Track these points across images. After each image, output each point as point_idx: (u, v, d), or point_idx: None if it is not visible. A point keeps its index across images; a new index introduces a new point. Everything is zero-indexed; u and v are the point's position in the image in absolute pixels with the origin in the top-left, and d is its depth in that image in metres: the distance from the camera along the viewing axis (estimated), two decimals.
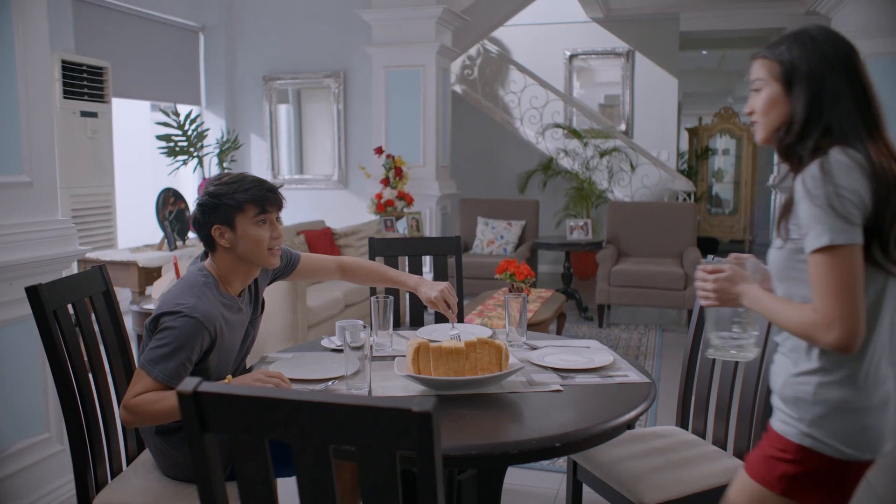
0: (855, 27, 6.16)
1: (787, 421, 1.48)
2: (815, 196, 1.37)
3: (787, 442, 1.47)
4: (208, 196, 1.99)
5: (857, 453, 1.44)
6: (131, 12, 6.47)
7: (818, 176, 1.38)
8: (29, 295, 1.90)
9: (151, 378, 1.83)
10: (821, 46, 1.46)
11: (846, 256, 1.36)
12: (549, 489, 3.08)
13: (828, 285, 1.36)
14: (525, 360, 2.13)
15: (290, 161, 7.92)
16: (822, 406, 1.44)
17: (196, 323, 1.86)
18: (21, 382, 2.72)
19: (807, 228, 1.39)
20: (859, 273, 1.37)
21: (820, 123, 1.45)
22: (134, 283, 4.90)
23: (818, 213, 1.36)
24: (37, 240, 2.72)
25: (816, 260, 1.38)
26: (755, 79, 1.54)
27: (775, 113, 1.50)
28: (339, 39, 7.39)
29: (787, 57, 1.48)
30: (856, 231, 1.36)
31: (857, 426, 1.43)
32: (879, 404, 1.45)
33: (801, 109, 1.46)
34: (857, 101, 1.46)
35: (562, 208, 8.43)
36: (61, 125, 5.11)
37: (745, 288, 1.55)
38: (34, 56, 2.74)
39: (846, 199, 1.36)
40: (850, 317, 1.35)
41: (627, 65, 9.20)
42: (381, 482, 1.02)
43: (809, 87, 1.45)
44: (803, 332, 1.42)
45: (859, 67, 1.48)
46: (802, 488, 1.46)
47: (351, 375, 1.89)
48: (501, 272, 4.17)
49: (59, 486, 2.84)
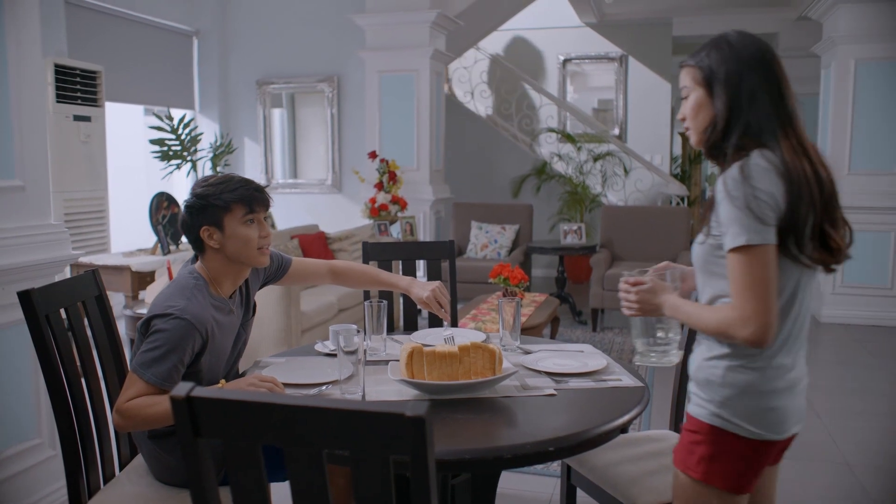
0: (846, 32, 6.20)
1: (699, 403, 1.59)
2: (734, 197, 1.46)
3: (700, 423, 1.57)
4: (195, 197, 1.99)
5: (763, 433, 1.53)
6: (125, 16, 6.47)
7: (738, 178, 1.46)
8: (21, 299, 1.89)
9: (143, 381, 1.82)
10: (737, 50, 1.55)
11: (761, 256, 1.45)
12: (543, 493, 3.08)
13: (743, 283, 1.46)
14: (519, 365, 2.13)
15: (284, 165, 7.91)
16: (730, 388, 1.54)
17: (187, 325, 1.86)
18: (13, 387, 2.71)
19: (726, 228, 1.48)
20: (772, 272, 1.46)
21: (740, 121, 1.53)
22: (127, 287, 4.89)
23: (737, 214, 1.45)
24: (29, 244, 2.71)
25: (734, 258, 1.47)
26: (682, 87, 1.63)
27: (701, 116, 1.59)
28: (333, 44, 7.40)
29: (707, 62, 1.57)
30: (770, 232, 1.45)
31: (762, 407, 1.53)
32: (785, 388, 1.55)
33: (723, 109, 1.54)
34: (773, 99, 1.53)
35: (555, 212, 8.44)
36: (54, 129, 5.10)
37: (665, 298, 1.64)
38: (27, 60, 2.73)
39: (762, 202, 1.44)
40: (763, 313, 1.45)
41: (621, 69, 9.23)
42: (374, 487, 1.02)
43: (727, 88, 1.54)
44: (721, 331, 1.50)
45: (774, 66, 1.55)
46: (717, 470, 1.55)
47: (344, 380, 1.88)
48: (495, 276, 4.17)
49: (52, 491, 2.83)
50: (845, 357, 5.47)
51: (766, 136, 1.52)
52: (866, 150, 6.26)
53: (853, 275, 6.33)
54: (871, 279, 6.30)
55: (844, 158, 6.32)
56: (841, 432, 3.80)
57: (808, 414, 4.14)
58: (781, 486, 3.14)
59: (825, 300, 6.43)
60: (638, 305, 1.67)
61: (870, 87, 6.21)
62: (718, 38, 1.59)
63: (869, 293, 6.31)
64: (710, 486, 1.56)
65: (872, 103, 6.21)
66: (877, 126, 6.21)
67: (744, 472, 1.55)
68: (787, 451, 1.69)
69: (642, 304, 1.67)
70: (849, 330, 6.13)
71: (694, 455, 1.57)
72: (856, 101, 6.25)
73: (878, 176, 6.23)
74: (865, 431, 3.85)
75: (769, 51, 1.56)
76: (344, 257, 5.86)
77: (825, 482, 3.24)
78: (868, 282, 6.31)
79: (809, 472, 3.32)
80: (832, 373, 5.09)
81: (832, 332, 6.13)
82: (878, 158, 6.23)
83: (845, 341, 5.83)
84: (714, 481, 1.55)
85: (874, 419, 4.06)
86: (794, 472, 3.30)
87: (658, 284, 1.66)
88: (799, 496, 3.10)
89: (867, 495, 3.10)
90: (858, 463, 3.41)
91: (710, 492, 1.56)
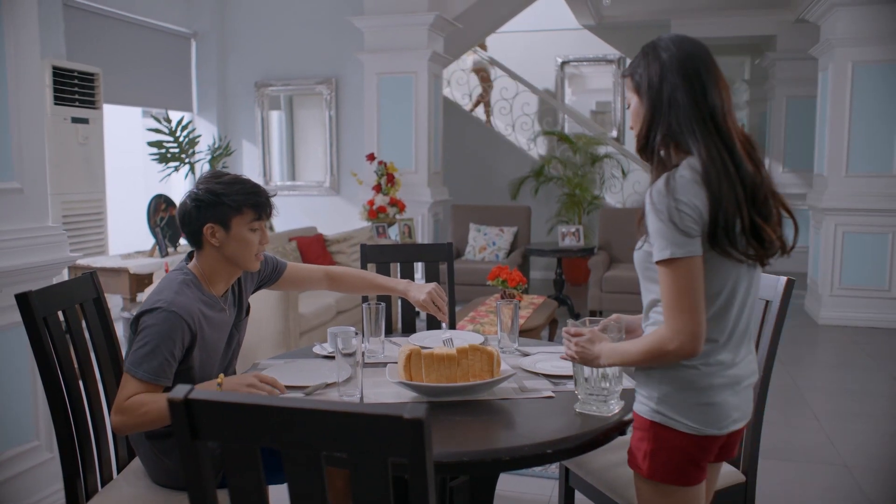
0: (843, 35, 6.21)
1: (641, 401, 1.63)
2: (659, 210, 1.50)
3: (643, 420, 1.62)
4: (208, 193, 1.96)
5: (702, 427, 1.56)
6: (123, 18, 6.46)
7: (663, 191, 1.50)
8: (19, 302, 1.89)
9: (136, 380, 1.84)
10: (660, 55, 1.58)
11: (686, 268, 1.48)
12: (541, 495, 3.08)
13: (671, 295, 1.50)
14: (517, 367, 2.13)
15: (282, 167, 7.91)
16: (669, 384, 1.58)
17: (173, 316, 1.87)
18: (10, 390, 2.71)
19: (653, 240, 1.52)
20: (698, 282, 1.49)
21: (661, 123, 1.57)
22: (125, 289, 4.88)
23: (661, 228, 1.49)
24: (27, 246, 2.71)
25: (661, 271, 1.52)
26: (627, 97, 1.69)
27: (638, 122, 1.64)
28: (331, 46, 7.40)
29: (637, 71, 1.63)
30: (694, 244, 1.49)
31: (700, 402, 1.56)
32: (725, 384, 1.58)
33: (645, 113, 1.61)
34: (693, 97, 1.55)
35: (554, 215, 8.45)
36: (52, 131, 5.09)
37: (601, 348, 1.67)
38: (25, 62, 2.73)
39: (685, 214, 1.48)
40: (690, 323, 1.49)
41: (619, 71, 9.24)
42: (373, 489, 1.02)
43: (650, 93, 1.59)
44: (653, 356, 1.55)
45: (699, 65, 1.57)
46: (661, 464, 1.58)
47: (343, 382, 1.88)
48: (493, 278, 4.18)
49: (49, 494, 2.82)
50: (843, 359, 5.47)
51: (686, 135, 1.54)
52: (864, 152, 6.27)
53: (851, 277, 6.34)
54: (869, 281, 6.31)
55: (842, 161, 6.32)
56: (839, 434, 3.80)
57: (806, 416, 4.16)
58: (780, 488, 3.15)
59: (823, 302, 6.44)
60: (578, 355, 1.70)
61: (867, 90, 6.22)
62: (648, 44, 1.63)
63: (867, 295, 6.32)
64: (657, 483, 1.60)
65: (870, 106, 6.22)
66: (874, 128, 6.22)
67: (685, 467, 1.58)
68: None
69: (581, 354, 1.69)
70: (846, 332, 6.14)
71: (640, 452, 1.62)
72: (853, 104, 6.25)
73: (876, 178, 6.24)
74: (864, 433, 3.85)
75: (695, 51, 1.58)
76: (342, 259, 5.85)
77: (823, 484, 3.24)
78: (866, 284, 6.31)
79: (808, 474, 3.32)
80: (830, 375, 5.09)
81: (830, 333, 6.14)
82: (876, 161, 6.24)
83: (843, 343, 5.84)
84: (657, 476, 1.59)
85: (872, 421, 4.06)
86: (793, 473, 3.30)
87: (596, 335, 1.69)
88: (797, 498, 3.10)
89: (865, 497, 3.10)
90: (857, 465, 3.41)
91: (659, 488, 1.60)
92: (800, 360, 5.27)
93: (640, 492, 1.66)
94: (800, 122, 8.91)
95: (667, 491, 1.60)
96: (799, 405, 4.28)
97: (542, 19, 9.02)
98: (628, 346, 1.62)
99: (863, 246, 6.30)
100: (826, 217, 6.38)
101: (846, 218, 6.32)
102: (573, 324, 1.75)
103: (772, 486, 3.13)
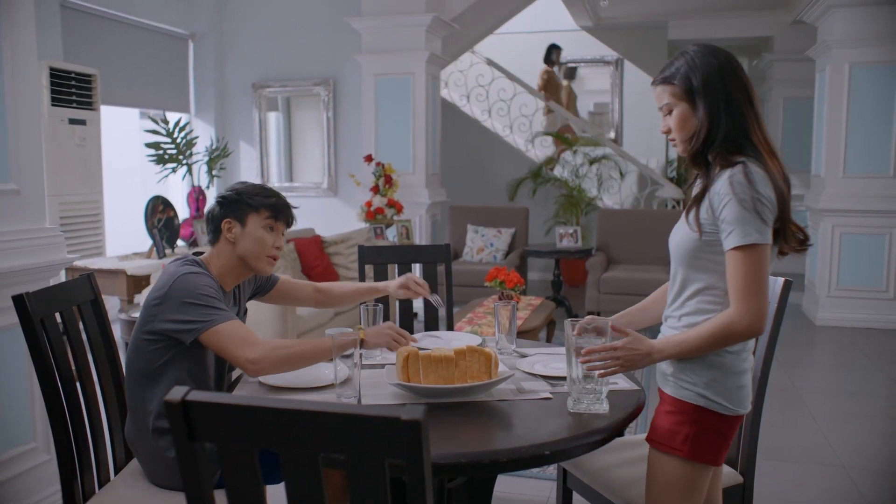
0: (841, 36, 6.22)
1: (683, 385, 1.71)
2: (743, 199, 1.58)
3: (685, 404, 1.70)
4: (232, 192, 2.11)
5: (738, 408, 1.70)
6: (120, 19, 6.46)
7: (744, 182, 1.58)
8: (16, 303, 1.89)
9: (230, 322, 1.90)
10: (706, 62, 1.67)
11: (762, 254, 1.59)
12: (539, 497, 3.08)
13: (746, 278, 1.59)
14: (515, 368, 2.13)
15: (280, 169, 7.91)
16: (716, 370, 1.68)
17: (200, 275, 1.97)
18: (7, 392, 2.70)
19: (731, 227, 1.59)
20: (768, 267, 1.61)
21: (721, 127, 1.65)
22: (122, 291, 4.87)
23: (745, 216, 1.58)
24: (24, 248, 2.71)
25: (737, 256, 1.60)
26: (663, 104, 1.73)
27: (687, 127, 1.70)
28: (329, 47, 7.40)
29: (682, 77, 1.68)
30: (769, 232, 1.60)
31: (736, 386, 1.69)
32: (749, 367, 1.73)
33: (704, 118, 1.67)
34: (745, 103, 1.66)
35: (551, 216, 8.45)
36: (49, 133, 5.09)
37: (649, 345, 1.70)
38: (21, 63, 2.72)
39: (765, 206, 1.58)
40: (760, 304, 1.59)
41: (616, 73, 9.26)
42: (370, 491, 1.02)
43: (706, 98, 1.66)
44: (719, 338, 1.62)
45: (741, 73, 1.68)
46: (702, 446, 1.69)
47: (340, 384, 1.88)
48: (491, 280, 4.18)
49: (46, 496, 2.82)
50: (841, 360, 5.48)
51: (742, 139, 1.64)
52: (861, 153, 6.28)
53: (848, 277, 6.35)
54: (867, 282, 6.32)
55: (839, 162, 6.34)
56: (837, 435, 3.80)
57: (804, 416, 4.17)
58: (778, 489, 3.16)
59: (821, 303, 6.45)
60: (624, 364, 1.70)
61: (864, 91, 6.23)
62: (684, 53, 1.71)
63: (864, 296, 6.33)
64: (694, 463, 1.69)
65: (867, 107, 6.23)
66: (871, 130, 6.23)
67: (722, 446, 1.72)
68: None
69: (629, 360, 1.69)
70: (844, 332, 6.15)
71: (679, 435, 1.70)
72: (850, 105, 6.27)
73: (873, 179, 6.25)
74: (861, 434, 3.86)
75: (734, 59, 1.69)
76: (340, 261, 5.86)
77: (821, 484, 3.24)
78: (863, 284, 6.32)
79: (805, 475, 3.32)
80: (828, 375, 5.10)
81: (828, 334, 6.14)
82: (873, 162, 6.25)
83: (841, 344, 5.85)
84: (701, 457, 1.69)
85: (870, 422, 4.07)
86: (791, 474, 3.30)
87: (635, 335, 1.71)
88: (795, 498, 3.11)
89: (863, 497, 3.10)
90: (854, 465, 3.41)
91: (694, 467, 1.69)
92: (797, 361, 5.28)
93: (667, 473, 1.72)
94: (797, 123, 8.92)
95: (702, 471, 1.70)
96: (796, 406, 4.28)
97: (540, 20, 9.02)
98: (687, 335, 1.67)
99: (860, 247, 6.31)
100: (823, 218, 6.39)
101: (844, 219, 6.33)
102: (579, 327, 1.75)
103: (770, 487, 3.14)
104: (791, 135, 9.07)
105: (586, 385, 1.77)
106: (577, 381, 1.78)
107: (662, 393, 1.78)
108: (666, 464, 1.72)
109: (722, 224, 1.61)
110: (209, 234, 2.14)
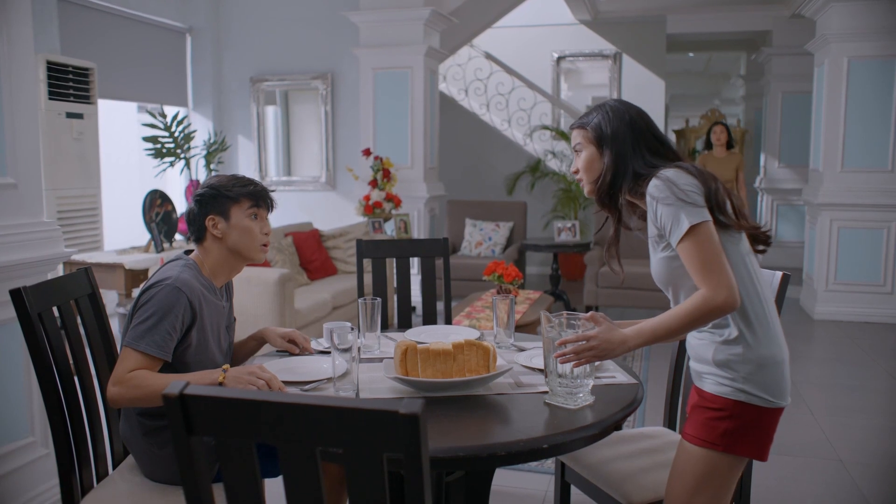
0: (839, 30, 6.21)
1: (721, 382, 1.73)
2: (664, 198, 1.67)
3: (724, 400, 1.72)
4: (207, 188, 2.09)
5: (779, 400, 1.72)
6: (117, 13, 6.44)
7: (660, 185, 1.68)
8: (13, 298, 1.88)
9: (138, 353, 1.88)
10: (618, 113, 1.81)
11: (705, 232, 1.65)
12: (537, 490, 3.08)
13: (700, 260, 1.64)
14: (513, 362, 2.13)
15: (278, 163, 7.89)
16: (751, 364, 1.70)
17: (176, 290, 1.93)
18: (5, 386, 2.70)
19: (668, 225, 1.68)
20: (718, 244, 1.66)
21: (627, 171, 1.79)
22: (120, 285, 4.87)
23: (672, 210, 1.66)
24: (21, 242, 2.70)
25: (685, 245, 1.66)
26: (575, 144, 1.89)
27: (593, 169, 1.85)
28: (327, 41, 7.38)
29: (595, 125, 1.84)
30: (704, 211, 1.66)
31: (777, 377, 1.72)
32: (786, 359, 1.75)
33: (610, 162, 1.81)
34: (650, 143, 1.80)
35: (550, 210, 8.45)
36: (46, 126, 5.07)
37: (623, 334, 1.73)
38: (19, 57, 2.72)
39: (688, 191, 1.66)
40: (726, 277, 1.63)
41: (615, 67, 9.24)
42: (368, 484, 1.02)
43: (613, 146, 1.80)
44: (697, 317, 1.66)
45: (647, 119, 1.84)
46: (741, 440, 1.71)
47: (338, 377, 1.88)
48: (489, 274, 4.18)
49: (44, 490, 2.82)
50: (838, 354, 5.49)
51: (651, 168, 1.76)
52: (859, 147, 6.28)
53: (846, 272, 6.36)
54: (865, 276, 6.32)
55: (837, 156, 6.34)
56: (835, 429, 3.81)
57: (802, 411, 4.17)
58: (776, 483, 3.16)
59: (818, 297, 6.45)
60: (597, 354, 1.71)
61: (863, 85, 6.23)
62: (602, 106, 1.86)
63: (862, 290, 6.33)
64: (733, 456, 1.71)
65: (865, 101, 6.23)
66: (869, 124, 6.23)
67: (765, 440, 1.73)
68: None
69: (603, 350, 1.71)
70: (842, 327, 6.16)
71: (717, 430, 1.71)
72: (849, 99, 6.26)
73: (871, 173, 6.25)
74: (859, 429, 3.87)
75: (640, 111, 1.85)
76: (338, 255, 5.85)
77: (819, 479, 3.25)
78: (861, 279, 6.33)
79: (803, 469, 3.33)
80: (825, 370, 5.11)
81: (825, 328, 6.15)
82: (871, 156, 6.25)
83: (838, 338, 5.86)
84: (741, 451, 1.71)
85: (868, 416, 4.08)
86: (789, 469, 3.31)
87: (607, 325, 1.74)
88: (793, 493, 3.11)
89: (861, 492, 3.11)
90: (852, 459, 3.42)
91: (730, 462, 1.72)
92: (795, 356, 5.28)
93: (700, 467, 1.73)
94: (795, 118, 8.92)
95: (735, 465, 1.73)
96: (794, 400, 4.29)
97: (538, 14, 9.00)
98: (661, 319, 1.71)
99: (858, 241, 6.32)
100: (822, 212, 6.40)
101: (841, 213, 6.33)
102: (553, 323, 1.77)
103: (767, 481, 3.14)
104: (789, 129, 9.07)
105: (561, 378, 1.77)
106: (552, 374, 1.79)
107: (699, 390, 1.79)
108: (701, 458, 1.73)
109: (664, 230, 1.70)
110: (193, 234, 2.12)
